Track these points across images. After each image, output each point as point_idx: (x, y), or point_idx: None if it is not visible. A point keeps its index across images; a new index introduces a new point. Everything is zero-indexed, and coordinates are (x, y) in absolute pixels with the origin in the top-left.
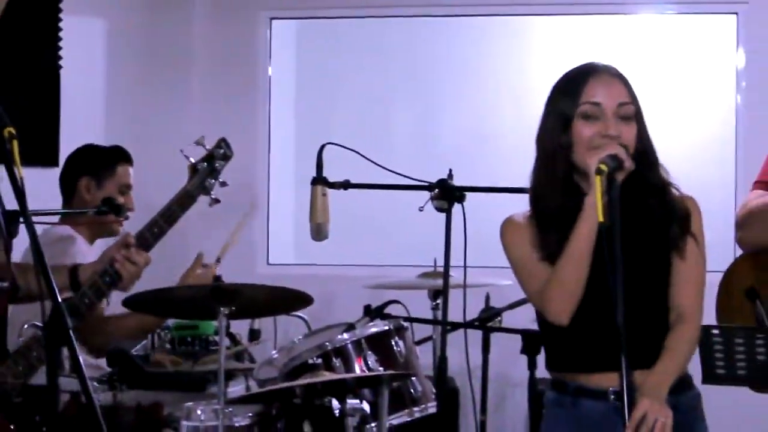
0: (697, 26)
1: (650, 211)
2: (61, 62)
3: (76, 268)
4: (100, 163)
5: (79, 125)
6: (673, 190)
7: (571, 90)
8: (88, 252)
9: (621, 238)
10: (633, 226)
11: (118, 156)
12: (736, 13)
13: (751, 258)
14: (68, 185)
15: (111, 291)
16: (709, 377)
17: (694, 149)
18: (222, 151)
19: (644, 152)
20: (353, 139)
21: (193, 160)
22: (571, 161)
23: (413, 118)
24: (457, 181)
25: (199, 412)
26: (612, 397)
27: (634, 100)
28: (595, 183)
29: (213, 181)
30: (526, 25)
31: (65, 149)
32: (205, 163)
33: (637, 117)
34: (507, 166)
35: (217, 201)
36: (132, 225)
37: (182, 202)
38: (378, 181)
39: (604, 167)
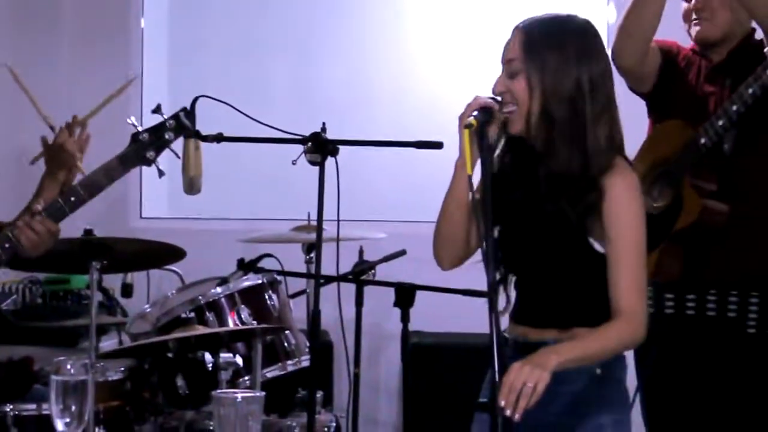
0: None
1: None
2: None
3: None
4: None
5: None
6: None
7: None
8: None
9: (527, 198)
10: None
11: None
12: None
13: None
14: None
15: (9, 256)
16: None
17: None
18: (173, 122)
19: (544, 115)
20: (228, 92)
21: (140, 129)
22: None
23: (289, 70)
24: (331, 135)
25: (69, 366)
26: (511, 345)
27: (528, 57)
28: (464, 136)
29: (153, 153)
30: None
31: None
32: (147, 134)
33: (530, 71)
34: (382, 119)
35: (162, 173)
36: None
37: (109, 174)
38: (252, 134)
39: (473, 121)
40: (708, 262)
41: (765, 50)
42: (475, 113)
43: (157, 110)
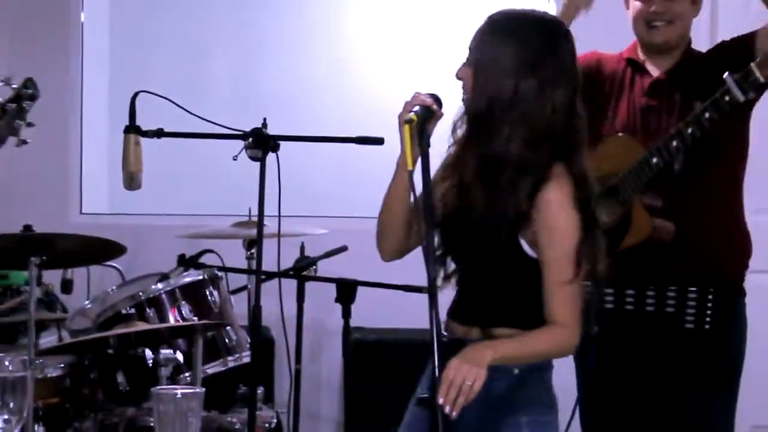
0: None
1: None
2: None
3: None
4: None
5: None
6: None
7: None
8: None
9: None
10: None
11: None
12: None
13: None
14: None
15: None
16: None
17: None
18: (30, 91)
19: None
20: (169, 87)
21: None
22: None
23: (230, 65)
24: (272, 130)
25: (7, 363)
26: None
27: (477, 48)
28: (405, 132)
29: (21, 122)
30: None
31: None
32: (14, 104)
33: (476, 65)
34: (323, 115)
35: (24, 142)
36: None
37: None
38: (194, 130)
39: (414, 117)
40: (648, 262)
41: (725, 75)
42: (416, 109)
43: (7, 82)
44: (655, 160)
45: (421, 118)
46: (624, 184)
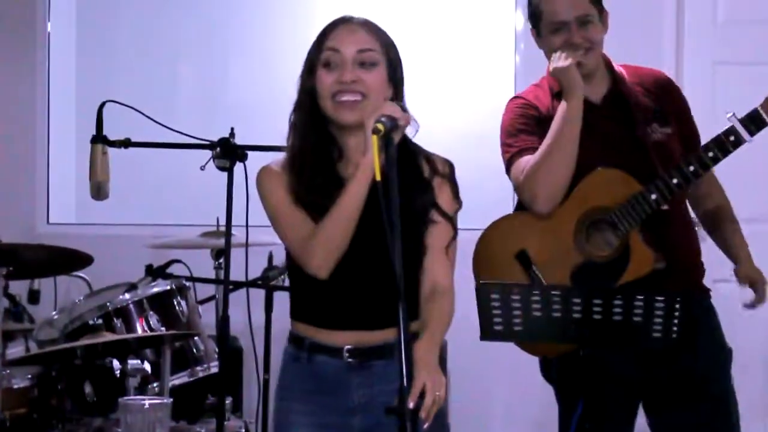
0: None
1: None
2: None
3: None
4: None
5: None
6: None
7: (319, 38)
8: None
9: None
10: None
11: None
12: None
13: (515, 218)
14: None
15: None
16: (486, 334)
17: (472, 110)
18: None
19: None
20: (136, 97)
21: None
22: (319, 107)
23: (197, 75)
24: (239, 140)
25: None
26: (347, 354)
27: (383, 48)
28: (372, 142)
29: None
30: None
31: None
32: None
33: (389, 61)
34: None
35: None
36: None
37: None
38: (161, 140)
39: (381, 127)
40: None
41: (728, 116)
42: (383, 119)
43: None
44: (654, 196)
45: (387, 128)
46: (620, 218)
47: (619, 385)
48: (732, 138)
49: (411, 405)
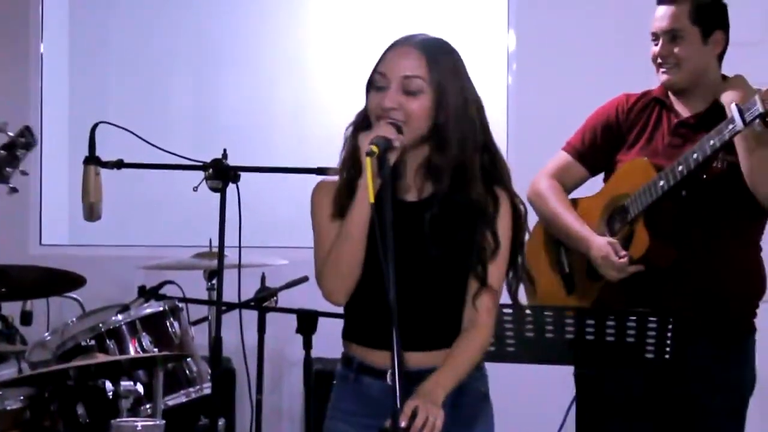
0: (468, 7)
1: (439, 194)
2: None
3: None
4: None
5: None
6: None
7: (380, 58)
8: None
9: (413, 219)
10: (427, 207)
11: None
12: None
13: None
14: None
15: None
16: None
17: None
18: (24, 139)
19: (438, 131)
20: (129, 118)
21: None
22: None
23: (190, 96)
24: (232, 161)
25: None
26: (390, 377)
27: (431, 74)
28: (366, 165)
29: (11, 169)
30: (301, 3)
31: None
32: (4, 151)
33: (437, 89)
34: (283, 145)
35: (15, 190)
36: None
37: None
38: (154, 161)
39: (375, 149)
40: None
41: (731, 105)
42: (377, 141)
43: (1, 129)
44: (661, 182)
45: (381, 150)
46: (631, 204)
47: (621, 405)
48: (730, 126)
49: (403, 424)
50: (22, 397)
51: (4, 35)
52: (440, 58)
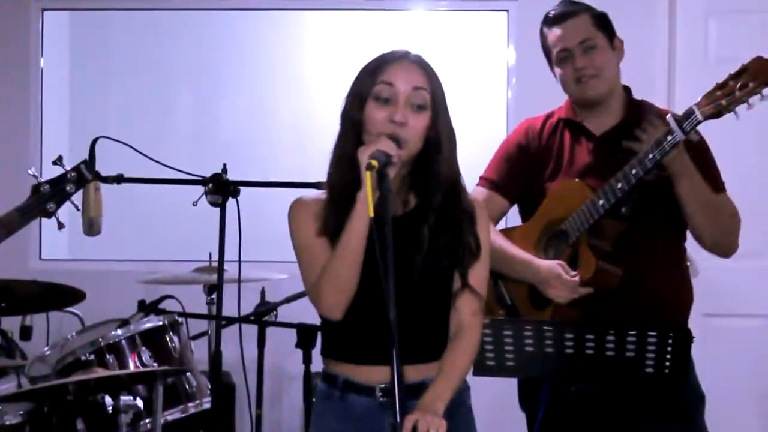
0: (468, 23)
1: (432, 207)
2: None
3: None
4: None
5: None
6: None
7: (372, 70)
8: None
9: (405, 232)
10: (418, 219)
11: None
12: (507, 11)
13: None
14: None
15: None
16: (479, 369)
17: (465, 144)
18: (75, 174)
19: (437, 143)
20: (129, 133)
21: (40, 180)
22: (362, 141)
23: (190, 110)
24: (232, 176)
25: None
26: (379, 393)
27: (433, 88)
28: (366, 179)
29: (54, 205)
30: (300, 20)
31: None
32: (48, 186)
33: (435, 106)
34: (283, 160)
35: (62, 225)
36: None
37: (8, 226)
38: (154, 175)
39: (374, 163)
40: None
41: (668, 116)
42: (376, 155)
43: (58, 161)
44: (601, 201)
45: (381, 164)
46: (571, 225)
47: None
48: (669, 138)
49: None
50: (21, 412)
51: (5, 50)
52: (434, 76)
